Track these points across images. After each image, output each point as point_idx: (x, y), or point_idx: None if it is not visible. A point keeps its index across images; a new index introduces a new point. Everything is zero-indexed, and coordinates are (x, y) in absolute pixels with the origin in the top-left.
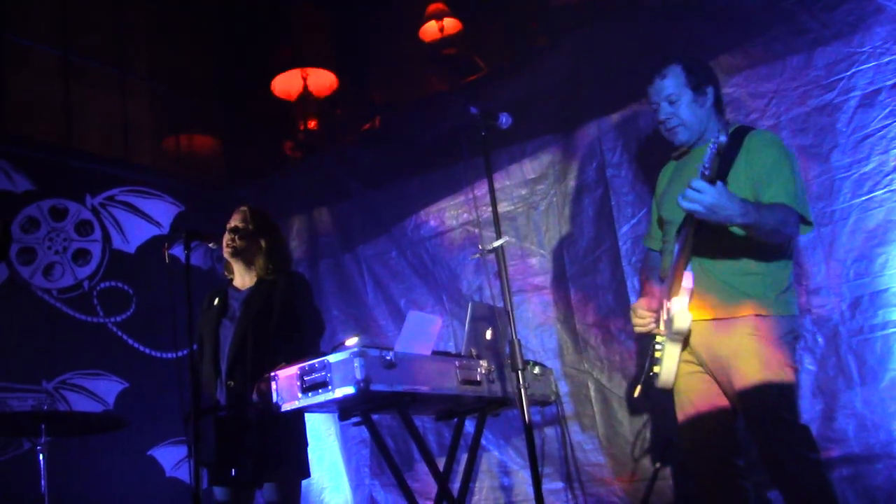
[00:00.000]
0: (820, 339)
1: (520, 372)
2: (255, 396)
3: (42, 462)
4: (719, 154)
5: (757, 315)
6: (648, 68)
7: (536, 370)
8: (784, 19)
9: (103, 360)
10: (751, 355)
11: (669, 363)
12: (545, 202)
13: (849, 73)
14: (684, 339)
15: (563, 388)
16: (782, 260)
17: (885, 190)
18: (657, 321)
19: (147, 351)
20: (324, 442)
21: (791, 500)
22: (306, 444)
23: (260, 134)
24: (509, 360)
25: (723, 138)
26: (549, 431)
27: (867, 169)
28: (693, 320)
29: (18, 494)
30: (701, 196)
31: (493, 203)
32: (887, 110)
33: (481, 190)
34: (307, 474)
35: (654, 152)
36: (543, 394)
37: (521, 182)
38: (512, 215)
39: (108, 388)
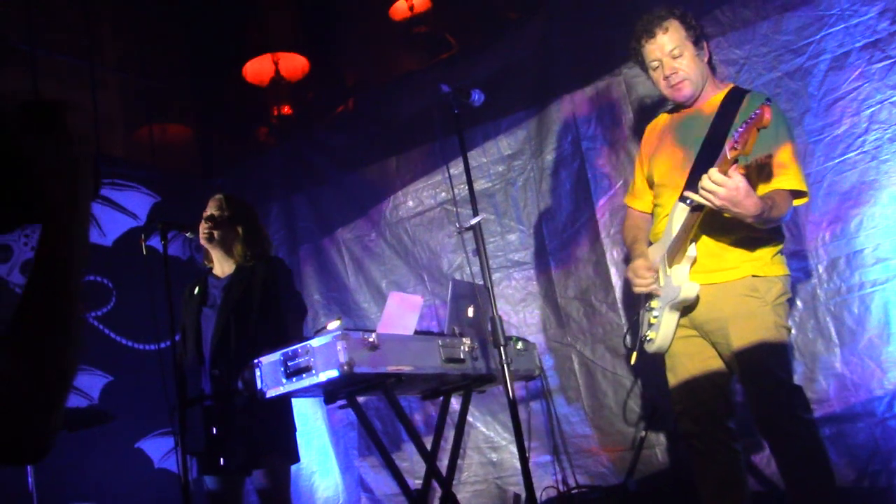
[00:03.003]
0: (798, 303)
1: (502, 348)
2: (240, 385)
3: None
4: (757, 130)
5: (754, 276)
6: (642, 25)
7: (520, 345)
8: None
9: (86, 355)
10: (748, 316)
11: (667, 329)
12: (522, 178)
13: (818, 37)
14: (685, 307)
15: (548, 361)
16: None
17: (858, 152)
18: (656, 282)
19: (129, 343)
20: (311, 426)
21: (784, 460)
22: (294, 429)
23: (234, 121)
24: (492, 336)
25: (767, 115)
26: (535, 405)
27: (839, 132)
28: None
29: (5, 494)
30: (718, 189)
31: (469, 181)
32: (857, 72)
33: (457, 168)
34: (296, 459)
35: (628, 123)
36: (528, 368)
37: (497, 158)
38: (490, 192)
39: (93, 383)
